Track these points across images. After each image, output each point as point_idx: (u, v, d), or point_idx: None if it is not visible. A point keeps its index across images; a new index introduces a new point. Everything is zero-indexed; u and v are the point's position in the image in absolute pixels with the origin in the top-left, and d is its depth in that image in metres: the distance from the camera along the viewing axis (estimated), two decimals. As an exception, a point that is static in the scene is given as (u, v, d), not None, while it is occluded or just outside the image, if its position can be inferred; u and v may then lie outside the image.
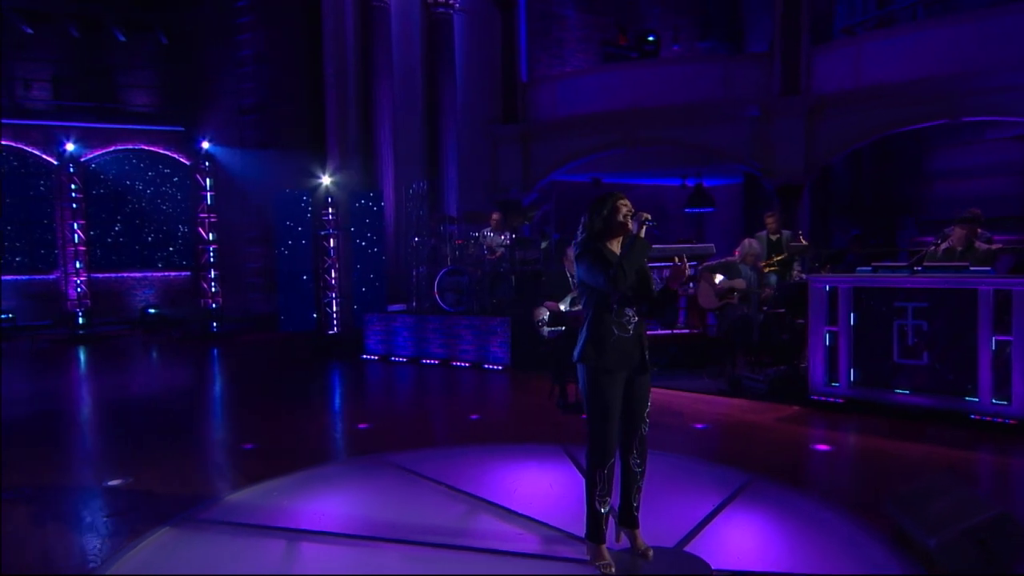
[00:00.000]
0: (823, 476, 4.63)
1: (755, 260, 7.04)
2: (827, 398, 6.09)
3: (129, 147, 14.30)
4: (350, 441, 5.45)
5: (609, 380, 3.01)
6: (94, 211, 14.11)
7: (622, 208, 3.06)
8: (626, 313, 3.02)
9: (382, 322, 9.62)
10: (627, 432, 3.14)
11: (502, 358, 8.53)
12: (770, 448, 5.04)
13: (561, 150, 13.20)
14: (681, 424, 5.72)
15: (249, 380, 8.50)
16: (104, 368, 9.87)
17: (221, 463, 4.84)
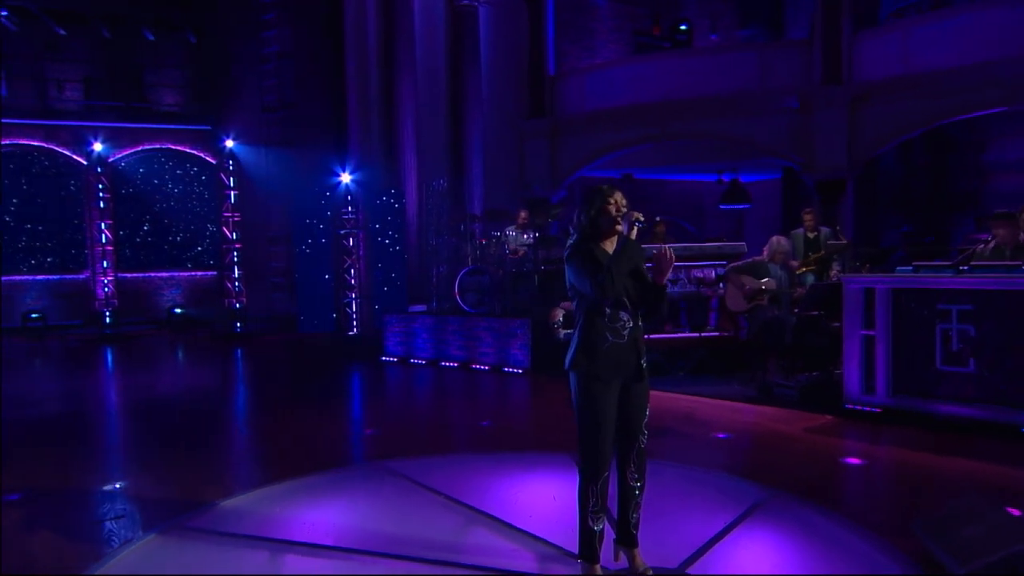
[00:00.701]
0: (852, 493, 4.40)
1: (785, 259, 6.78)
2: (863, 407, 5.82)
3: (156, 146, 14.65)
4: (356, 446, 5.43)
5: (602, 388, 2.88)
6: (123, 211, 14.50)
7: (611, 206, 2.91)
8: (620, 317, 2.89)
9: (401, 323, 9.61)
10: (623, 444, 3.01)
11: (522, 361, 8.42)
12: (796, 461, 4.83)
13: (590, 145, 13.03)
14: (702, 433, 5.53)
15: (264, 382, 8.60)
16: (123, 369, 10.11)
17: (222, 468, 4.85)
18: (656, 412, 6.05)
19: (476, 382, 8.06)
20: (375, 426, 6.07)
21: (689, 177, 15.65)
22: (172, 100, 15.26)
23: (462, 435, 5.83)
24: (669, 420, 5.94)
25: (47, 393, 8.21)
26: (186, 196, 15.00)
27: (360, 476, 4.55)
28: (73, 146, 13.87)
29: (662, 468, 4.61)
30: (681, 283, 8.07)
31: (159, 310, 14.36)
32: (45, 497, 4.31)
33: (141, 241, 14.80)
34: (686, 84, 12.08)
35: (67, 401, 7.70)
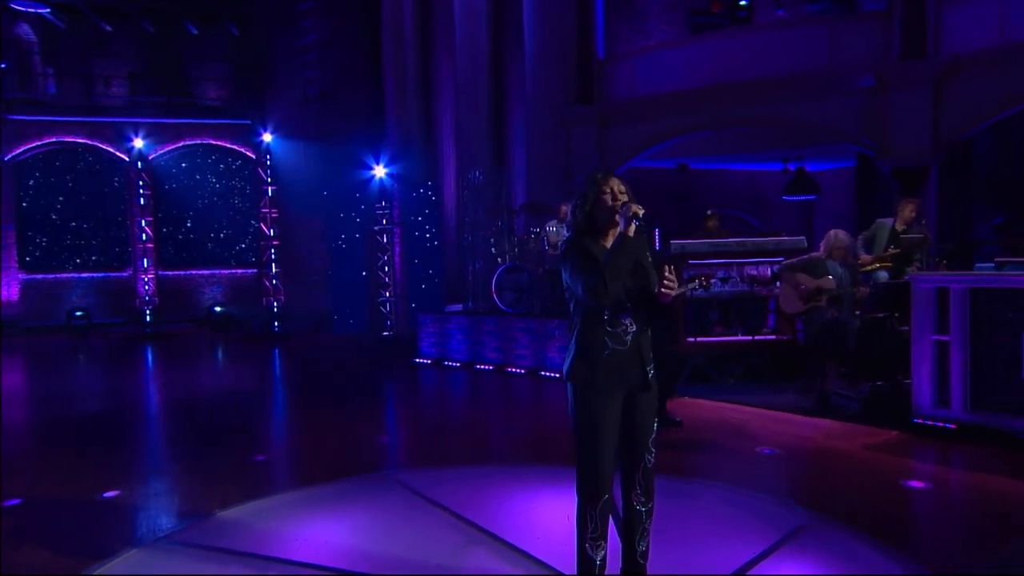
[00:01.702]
0: (913, 522, 4.05)
1: (845, 255, 6.37)
2: (934, 423, 5.39)
3: (197, 142, 15.12)
4: (374, 454, 5.37)
5: (602, 401, 2.70)
6: (165, 208, 15.04)
7: (606, 196, 2.71)
8: (622, 322, 2.69)
9: (436, 323, 9.57)
10: (627, 463, 2.82)
11: (560, 364, 8.21)
12: (851, 482, 4.49)
13: (642, 133, 12.66)
14: (747, 448, 5.24)
15: (291, 385, 8.71)
16: (155, 370, 10.44)
17: (228, 476, 4.87)
18: (697, 423, 5.92)
19: (510, 387, 7.95)
20: (397, 433, 6.03)
21: (751, 166, 15.09)
22: (214, 94, 15.71)
23: (487, 444, 5.71)
24: (710, 433, 5.67)
25: (80, 392, 8.55)
26: (228, 192, 15.42)
27: (367, 487, 4.49)
28: (116, 143, 14.45)
29: (695, 487, 4.39)
30: (733, 281, 7.72)
31: (200, 308, 14.82)
32: (43, 503, 4.41)
33: (183, 238, 15.31)
34: (747, 65, 11.58)
35: (91, 401, 7.99)
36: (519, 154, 11.92)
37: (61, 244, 14.53)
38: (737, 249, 7.65)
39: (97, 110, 14.53)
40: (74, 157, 14.64)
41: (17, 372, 10.74)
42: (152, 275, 14.53)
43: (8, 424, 6.67)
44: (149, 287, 14.38)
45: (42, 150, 14.37)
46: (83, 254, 14.68)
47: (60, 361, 11.15)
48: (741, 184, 15.70)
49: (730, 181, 15.46)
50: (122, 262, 14.81)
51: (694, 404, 6.66)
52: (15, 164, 14.15)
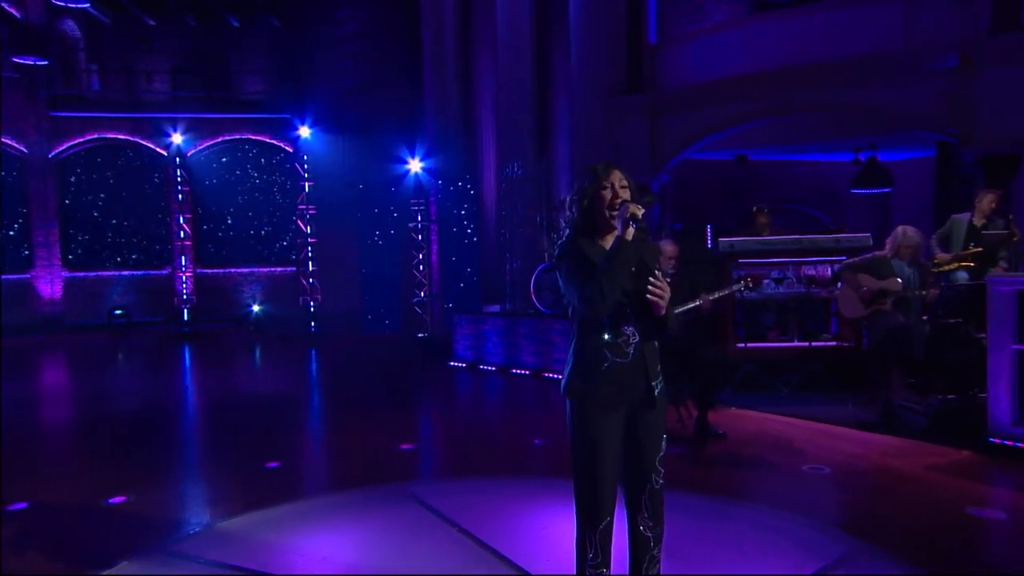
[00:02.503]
0: (979, 557, 3.74)
1: (914, 253, 6.00)
2: (1012, 442, 5.02)
3: (236, 137, 15.48)
4: (393, 463, 5.34)
5: (601, 419, 2.56)
6: (204, 205, 15.45)
7: (606, 191, 2.55)
8: (623, 331, 2.54)
9: (471, 324, 9.53)
10: (632, 484, 2.67)
11: (599, 371, 8.06)
12: (908, 507, 4.20)
13: (697, 123, 12.33)
14: (794, 466, 4.99)
15: (319, 389, 8.81)
16: (190, 369, 10.71)
17: (238, 483, 4.91)
18: (741, 436, 5.69)
19: (546, 393, 7.85)
20: (422, 441, 5.99)
21: (819, 157, 14.53)
22: (254, 88, 16.05)
23: (515, 455, 5.60)
24: (754, 447, 5.43)
25: (110, 393, 8.84)
26: (267, 188, 15.72)
27: (377, 499, 4.45)
28: (157, 138, 14.94)
29: (727, 508, 4.19)
30: (788, 282, 7.41)
31: (238, 307, 15.18)
32: (47, 508, 4.52)
33: (223, 236, 15.70)
34: (814, 46, 11.13)
35: (118, 402, 8.24)
36: (563, 147, 11.76)
37: (102, 242, 15.11)
38: (792, 247, 7.34)
39: (139, 106, 15.04)
40: (115, 153, 15.20)
41: (56, 371, 11.21)
42: (190, 273, 14.95)
43: (31, 424, 6.93)
44: (187, 286, 14.80)
45: (84, 147, 14.97)
46: (124, 252, 15.22)
47: (96, 361, 11.58)
48: (807, 177, 15.15)
49: (794, 174, 14.94)
50: (162, 260, 15.31)
51: (741, 415, 6.41)
52: (58, 161, 14.78)
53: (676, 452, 5.33)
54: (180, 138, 14.76)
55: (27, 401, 8.12)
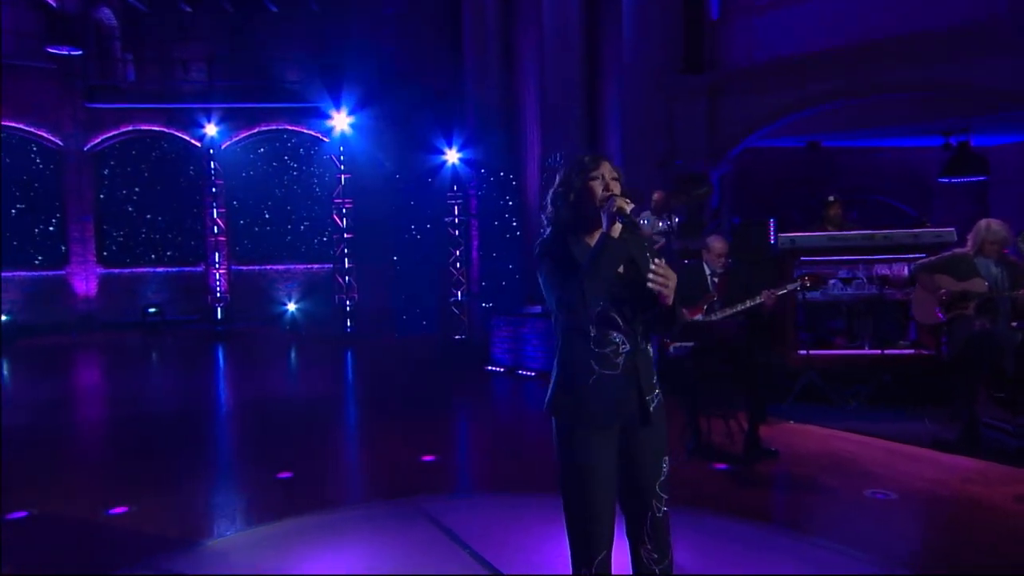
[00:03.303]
0: (1063, 600, 3.45)
1: (1000, 250, 5.61)
2: (1113, 469, 4.64)
3: (273, 127, 15.75)
4: (412, 476, 5.30)
5: (591, 439, 2.44)
6: (240, 198, 15.77)
7: (595, 183, 2.44)
8: (612, 339, 2.42)
9: (510, 326, 9.44)
10: (632, 513, 2.54)
11: (646, 378, 7.87)
12: (992, 545, 3.91)
13: (762, 105, 11.97)
14: (854, 490, 4.73)
15: (347, 395, 8.86)
16: (220, 371, 10.94)
17: (244, 494, 4.94)
18: (797, 455, 5.45)
19: None
20: (447, 452, 5.94)
21: (904, 142, 13.93)
22: (293, 76, 16.27)
23: (546, 470, 5.47)
24: (811, 467, 5.20)
25: (136, 395, 9.11)
26: (306, 181, 15.92)
27: (386, 516, 4.43)
28: (192, 130, 15.33)
29: (775, 538, 4.01)
30: (858, 283, 7.07)
31: (273, 305, 15.45)
32: (46, 518, 4.62)
33: (259, 231, 15.99)
34: (896, 18, 10.66)
35: (143, 404, 8.46)
36: (613, 135, 11.57)
37: (137, 237, 15.58)
38: (862, 243, 7.00)
39: (175, 96, 15.45)
40: (150, 146, 15.65)
41: (85, 372, 11.61)
42: (224, 270, 15.29)
43: (48, 428, 7.16)
44: (221, 283, 15.14)
45: (119, 139, 15.46)
46: (158, 248, 15.67)
47: (127, 362, 11.95)
48: (890, 164, 14.55)
49: (875, 161, 14.37)
50: (197, 256, 15.70)
51: (799, 431, 6.16)
52: (93, 154, 15.31)
53: (721, 469, 5.14)
54: (215, 129, 15.10)
55: (52, 403, 8.42)
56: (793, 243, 7.06)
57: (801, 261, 7.04)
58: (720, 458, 5.33)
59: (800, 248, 7.06)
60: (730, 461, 5.30)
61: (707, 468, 5.18)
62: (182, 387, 9.61)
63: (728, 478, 5.03)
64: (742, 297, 5.35)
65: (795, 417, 6.47)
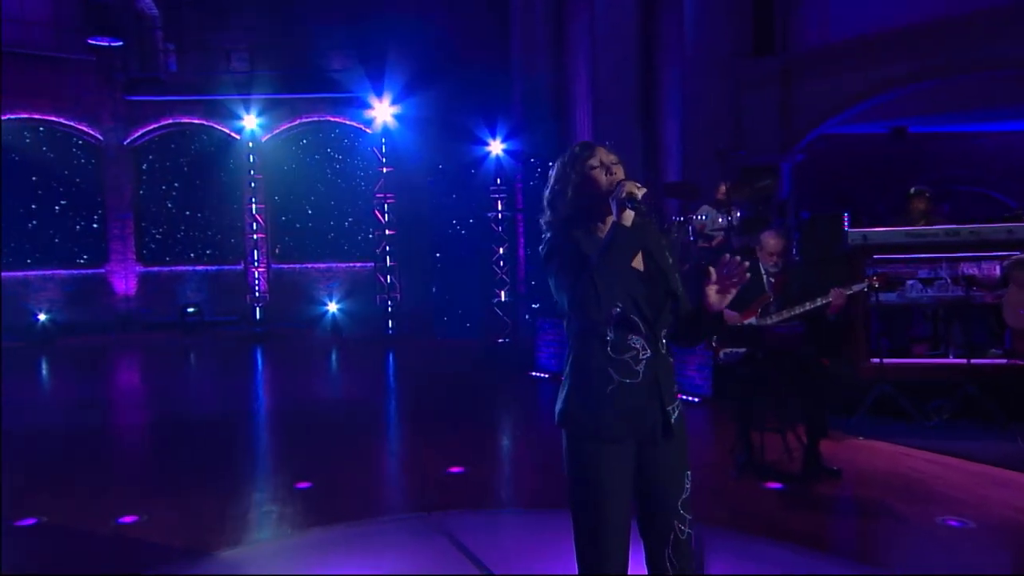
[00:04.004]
0: None
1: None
2: None
3: (315, 119, 16.01)
4: (437, 489, 5.30)
5: (604, 453, 2.36)
6: (282, 194, 16.07)
7: (597, 171, 2.37)
8: (630, 344, 2.33)
9: (556, 330, 9.38)
10: (651, 535, 2.45)
11: (700, 386, 7.74)
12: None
13: (842, 88, 11.66)
14: (926, 517, 4.52)
15: (382, 401, 8.92)
16: (254, 374, 11.15)
17: (260, 504, 4.99)
18: (864, 475, 5.24)
19: None
20: (479, 464, 5.88)
21: (1008, 126, 13.32)
22: (337, 64, 16.48)
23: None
24: (879, 489, 4.99)
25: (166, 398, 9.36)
26: (350, 175, 16.06)
27: (403, 532, 4.43)
28: (232, 122, 15.65)
29: (828, 567, 3.79)
30: (941, 283, 6.74)
31: (314, 305, 15.68)
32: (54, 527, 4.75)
33: (301, 227, 16.26)
34: (992, -13, 10.22)
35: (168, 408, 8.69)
36: (672, 124, 11.43)
37: (175, 235, 16.03)
38: (946, 239, 6.68)
39: (215, 87, 15.78)
40: (189, 139, 16.09)
41: (120, 374, 12.00)
42: (263, 268, 15.59)
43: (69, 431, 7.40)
44: (260, 282, 15.45)
45: (158, 133, 15.94)
46: (197, 245, 16.09)
47: (162, 364, 12.30)
48: (991, 152, 13.94)
49: (972, 148, 13.79)
50: (237, 255, 16.06)
51: (869, 448, 5.93)
52: (132, 149, 15.82)
53: (774, 489, 4.96)
54: (255, 121, 15.40)
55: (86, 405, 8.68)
56: (864, 239, 6.77)
57: (874, 260, 6.75)
58: (774, 476, 5.14)
59: (873, 245, 6.77)
60: (785, 480, 5.10)
61: (758, 487, 5.01)
62: (215, 391, 9.84)
63: (781, 499, 4.85)
64: (801, 299, 5.14)
65: (865, 432, 6.21)
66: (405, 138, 13.89)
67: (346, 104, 15.43)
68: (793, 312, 5.16)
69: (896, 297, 6.82)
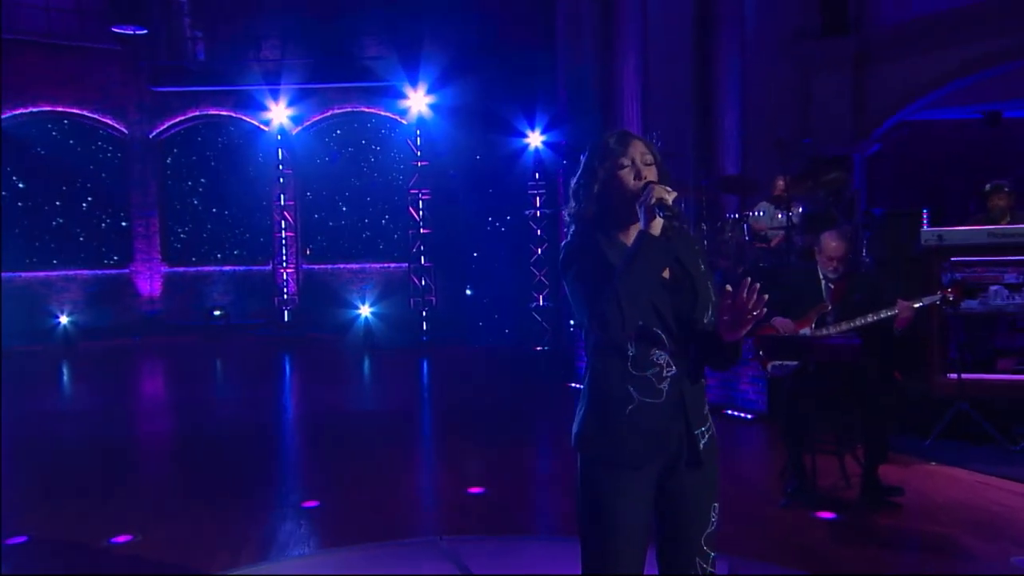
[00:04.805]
0: None
1: None
2: None
3: (348, 109, 16.14)
4: (453, 511, 5.29)
5: (621, 479, 2.31)
6: (315, 188, 16.26)
7: (626, 170, 2.27)
8: (654, 360, 2.26)
9: (598, 338, 9.23)
10: (670, 572, 2.39)
11: (755, 402, 7.57)
12: None
13: (924, 70, 11.40)
14: (999, 555, 4.32)
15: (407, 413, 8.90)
16: (277, 383, 11.29)
17: (262, 524, 5.00)
18: (932, 505, 5.08)
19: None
20: (502, 485, 5.82)
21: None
22: (371, 52, 16.57)
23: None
24: (949, 522, 4.79)
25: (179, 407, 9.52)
26: (385, 169, 16.11)
27: (406, 558, 4.39)
28: (260, 113, 15.86)
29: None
30: None
31: (347, 308, 15.76)
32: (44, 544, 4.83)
33: (334, 225, 16.41)
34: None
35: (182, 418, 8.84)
36: (730, 111, 11.25)
37: (202, 233, 16.33)
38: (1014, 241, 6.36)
39: (245, 76, 15.98)
40: (216, 132, 16.38)
41: (139, 381, 12.27)
42: (293, 269, 15.78)
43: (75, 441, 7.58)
44: (289, 284, 15.65)
45: (184, 125, 16.26)
46: (224, 245, 16.38)
47: (187, 369, 12.55)
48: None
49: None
50: (265, 254, 16.29)
51: (941, 475, 5.69)
52: (158, 142, 16.17)
53: (826, 520, 4.77)
54: (285, 112, 15.59)
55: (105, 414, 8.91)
56: (940, 240, 6.49)
57: (952, 263, 6.47)
58: (828, 505, 4.95)
59: (949, 247, 6.48)
60: (840, 509, 4.91)
61: (808, 517, 4.83)
62: (234, 401, 9.95)
63: (834, 531, 4.67)
64: (863, 309, 4.94)
65: (938, 457, 5.97)
66: (440, 129, 13.91)
67: (380, 93, 15.50)
68: (853, 324, 4.97)
69: (978, 304, 6.52)
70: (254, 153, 16.11)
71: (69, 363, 12.96)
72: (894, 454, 5.59)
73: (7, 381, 9.77)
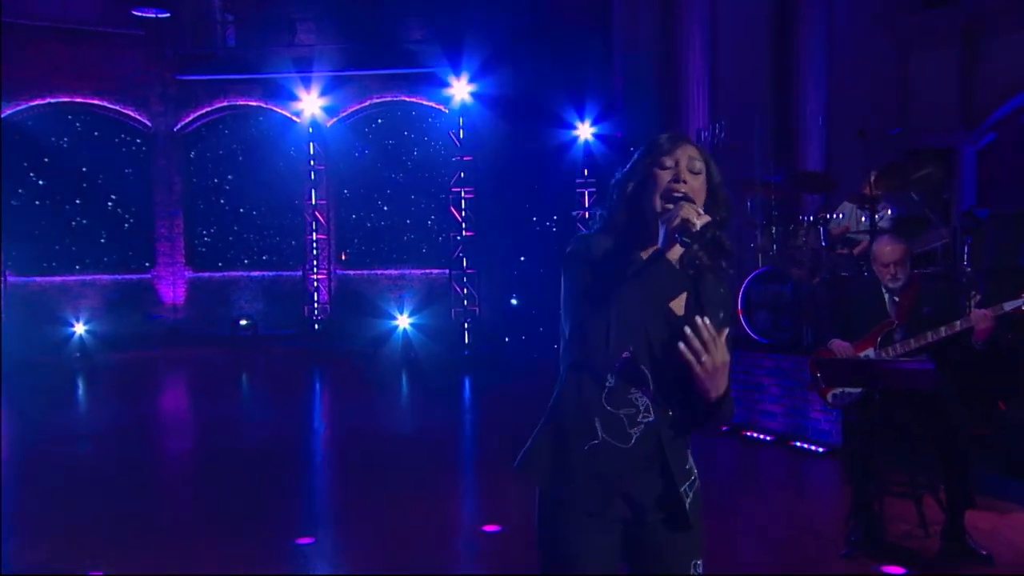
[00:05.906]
0: None
1: None
2: None
3: (388, 99, 16.25)
4: (456, 549, 5.29)
5: (581, 527, 2.22)
6: (351, 187, 16.43)
7: (666, 174, 2.15)
8: (632, 400, 2.16)
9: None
10: None
11: (828, 432, 7.34)
12: None
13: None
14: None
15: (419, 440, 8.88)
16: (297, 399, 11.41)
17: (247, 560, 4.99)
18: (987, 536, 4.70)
19: (743, 461, 7.42)
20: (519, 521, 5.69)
21: None
22: (415, 35, 16.67)
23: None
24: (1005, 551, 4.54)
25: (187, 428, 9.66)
26: (431, 165, 16.15)
27: None
28: (293, 104, 16.04)
29: None
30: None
31: (384, 318, 15.83)
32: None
33: (372, 226, 16.53)
34: None
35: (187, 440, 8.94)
36: (812, 97, 11.06)
37: (226, 236, 16.63)
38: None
39: (277, 64, 16.17)
40: (244, 124, 16.66)
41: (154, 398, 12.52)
42: (325, 275, 15.94)
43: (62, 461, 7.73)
44: (320, 291, 15.81)
45: (210, 117, 16.58)
46: (252, 248, 16.65)
47: (209, 386, 12.77)
48: None
49: None
50: (296, 259, 16.51)
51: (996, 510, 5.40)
52: (183, 136, 16.52)
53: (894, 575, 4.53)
54: (318, 102, 15.76)
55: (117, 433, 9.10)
56: None
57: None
58: (898, 557, 4.69)
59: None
60: (913, 563, 4.65)
61: (873, 571, 4.58)
62: (254, 420, 10.04)
63: (908, 588, 4.43)
64: (934, 323, 4.69)
65: (1037, 504, 5.65)
66: (484, 120, 13.93)
67: (422, 81, 15.56)
68: (925, 341, 4.71)
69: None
70: (284, 147, 16.32)
71: (84, 377, 13.28)
72: (989, 499, 5.33)
73: (14, 397, 10.06)
